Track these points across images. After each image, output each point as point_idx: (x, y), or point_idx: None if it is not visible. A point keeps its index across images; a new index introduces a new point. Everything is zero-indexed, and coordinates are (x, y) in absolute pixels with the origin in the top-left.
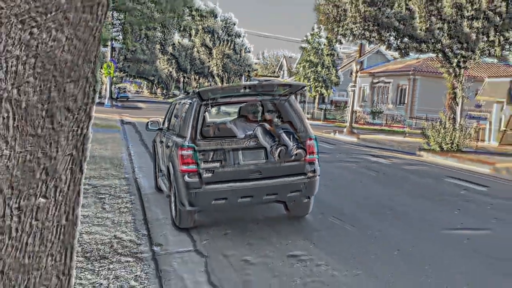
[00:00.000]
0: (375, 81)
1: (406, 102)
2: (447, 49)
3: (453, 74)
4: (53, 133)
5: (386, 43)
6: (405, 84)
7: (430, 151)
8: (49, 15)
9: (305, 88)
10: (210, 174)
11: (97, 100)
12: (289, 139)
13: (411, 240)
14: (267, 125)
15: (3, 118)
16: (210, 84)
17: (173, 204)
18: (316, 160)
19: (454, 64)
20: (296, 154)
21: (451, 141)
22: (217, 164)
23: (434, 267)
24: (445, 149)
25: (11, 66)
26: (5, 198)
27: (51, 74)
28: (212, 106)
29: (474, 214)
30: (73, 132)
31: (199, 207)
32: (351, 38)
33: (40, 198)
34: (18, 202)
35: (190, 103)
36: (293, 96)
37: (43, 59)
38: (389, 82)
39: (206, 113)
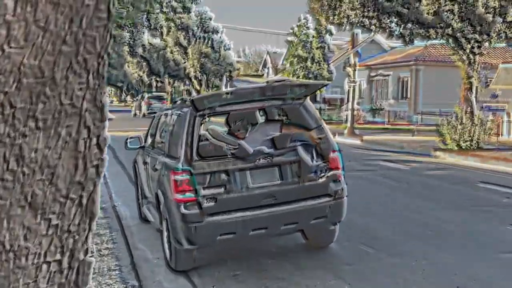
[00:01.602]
0: (372, 74)
1: (409, 96)
2: (458, 34)
3: (467, 62)
4: None
5: (387, 30)
6: (406, 76)
7: (447, 151)
8: None
9: (326, 86)
10: (212, 203)
11: None
12: (310, 156)
13: (468, 270)
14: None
15: None
16: (188, 89)
17: (166, 242)
18: (342, 177)
19: (468, 51)
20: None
21: (470, 138)
22: (221, 190)
23: None
24: (463, 147)
25: None
26: None
27: None
28: (209, 117)
29: None
30: None
31: (201, 245)
32: (348, 27)
33: None
34: None
35: (180, 114)
36: (308, 99)
37: None
38: (388, 75)
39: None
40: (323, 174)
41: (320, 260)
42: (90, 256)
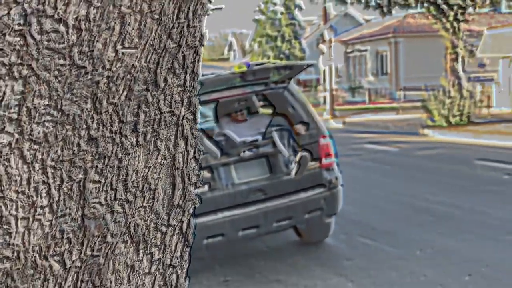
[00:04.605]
0: (348, 50)
1: (389, 71)
2: (440, 0)
3: (451, 30)
4: None
5: (363, 0)
6: (385, 50)
7: (436, 128)
8: None
9: (311, 66)
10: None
11: None
12: (285, 142)
13: (478, 255)
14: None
15: None
16: None
17: None
18: (335, 164)
19: (451, 18)
20: (300, 159)
21: (459, 112)
22: (204, 188)
23: None
24: (453, 122)
25: None
26: None
27: None
28: None
29: None
30: None
31: None
32: (320, 0)
33: None
34: None
35: None
36: (293, 83)
37: None
38: (365, 50)
39: None
40: (314, 163)
41: (317, 257)
42: None
